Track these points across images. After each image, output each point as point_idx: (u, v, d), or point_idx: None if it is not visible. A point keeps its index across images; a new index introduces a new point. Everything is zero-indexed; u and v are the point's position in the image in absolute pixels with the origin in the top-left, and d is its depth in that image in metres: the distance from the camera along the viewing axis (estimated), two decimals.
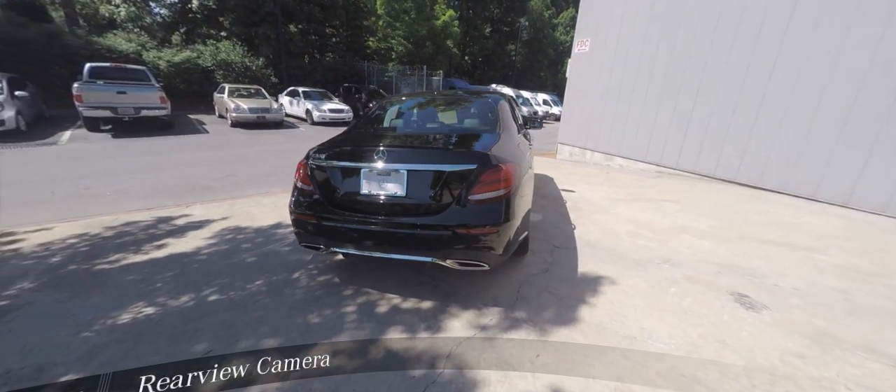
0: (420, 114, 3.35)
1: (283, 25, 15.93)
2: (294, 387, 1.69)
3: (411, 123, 3.31)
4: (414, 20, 15.83)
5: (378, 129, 3.11)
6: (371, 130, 3.05)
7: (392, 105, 3.49)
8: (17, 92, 8.97)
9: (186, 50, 13.81)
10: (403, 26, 16.04)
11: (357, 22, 19.04)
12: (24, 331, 2.04)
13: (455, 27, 17.62)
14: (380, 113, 3.35)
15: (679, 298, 2.51)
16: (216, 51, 14.18)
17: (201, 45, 14.32)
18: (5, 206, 4.24)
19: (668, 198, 5.06)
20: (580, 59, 8.21)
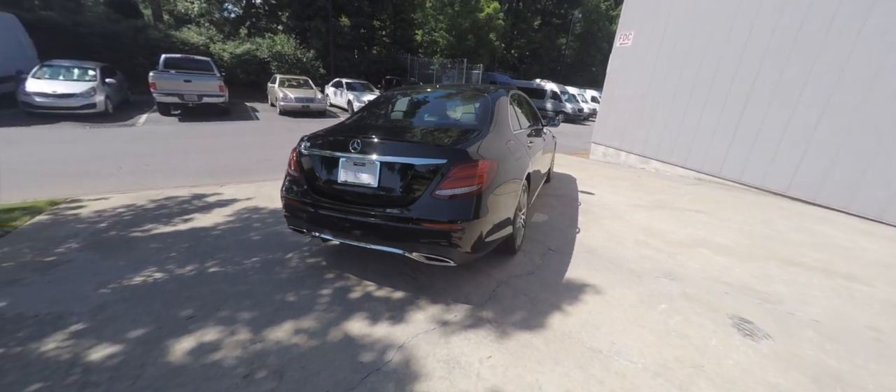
0: (417, 107, 3.39)
1: (333, 19, 16.72)
2: (252, 357, 1.84)
3: (405, 116, 3.34)
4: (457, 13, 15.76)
5: (371, 120, 3.18)
6: (364, 122, 3.13)
7: (395, 98, 3.56)
8: (107, 79, 10.43)
9: (247, 43, 15.06)
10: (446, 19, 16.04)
11: (404, 15, 19.43)
12: (59, 283, 2.43)
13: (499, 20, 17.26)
14: (380, 105, 3.44)
15: (667, 316, 2.32)
16: (272, 43, 15.30)
17: (260, 38, 15.52)
18: (81, 177, 4.99)
19: (699, 208, 4.61)
20: (621, 53, 7.68)
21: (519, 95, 3.99)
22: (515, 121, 3.25)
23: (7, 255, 2.78)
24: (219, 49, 14.49)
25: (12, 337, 1.90)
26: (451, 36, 16.15)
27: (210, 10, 15.92)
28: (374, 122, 3.12)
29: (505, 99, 3.12)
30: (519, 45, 27.13)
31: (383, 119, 3.22)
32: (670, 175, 6.62)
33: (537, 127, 4.21)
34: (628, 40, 7.46)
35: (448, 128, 2.76)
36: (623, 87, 7.61)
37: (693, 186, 5.80)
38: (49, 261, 2.73)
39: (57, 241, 3.04)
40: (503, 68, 25.90)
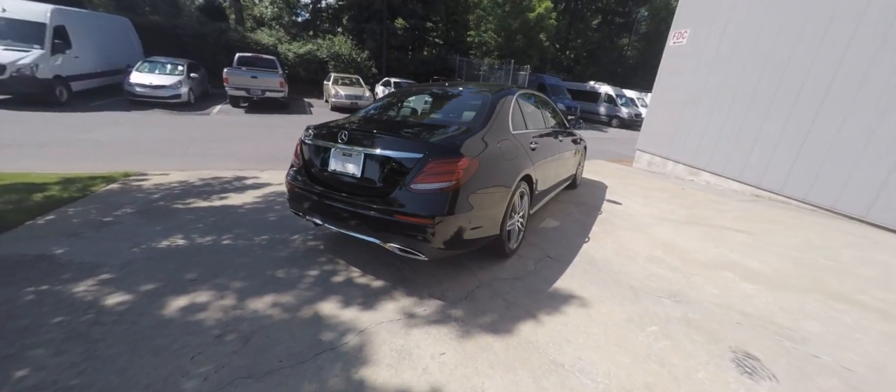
0: (423, 104, 3.43)
1: (388, 21, 17.45)
2: (229, 321, 2.03)
3: (408, 112, 3.38)
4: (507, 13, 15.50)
5: (375, 114, 3.28)
6: (367, 115, 3.24)
7: (406, 94, 3.64)
8: (192, 74, 11.98)
9: (309, 44, 16.32)
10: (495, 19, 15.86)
11: (456, 17, 19.63)
12: (106, 239, 2.88)
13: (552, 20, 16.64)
14: (390, 101, 3.54)
15: (654, 339, 2.11)
16: (331, 44, 16.41)
17: (321, 39, 16.72)
18: (156, 155, 5.83)
19: (742, 227, 4.07)
20: (675, 53, 7.02)
21: (535, 97, 3.85)
22: (520, 122, 3.15)
23: (79, 213, 3.35)
24: (285, 49, 15.91)
25: (57, 278, 2.31)
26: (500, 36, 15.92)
27: (281, 14, 17.56)
28: (375, 116, 3.22)
29: (509, 99, 3.04)
30: (574, 45, 25.89)
31: (387, 114, 3.31)
32: (722, 189, 5.91)
33: (557, 130, 4.04)
34: (683, 38, 6.79)
35: (441, 125, 2.77)
36: (674, 89, 6.95)
37: (745, 203, 5.12)
38: (106, 221, 3.25)
39: (117, 206, 3.60)
40: (556, 70, 24.92)
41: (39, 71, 8.91)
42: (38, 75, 8.89)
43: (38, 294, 2.14)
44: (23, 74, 8.62)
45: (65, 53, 9.86)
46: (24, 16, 9.31)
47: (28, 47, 8.96)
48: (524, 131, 3.12)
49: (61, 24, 9.89)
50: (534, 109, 3.70)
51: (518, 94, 3.25)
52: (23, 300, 2.08)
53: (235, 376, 1.66)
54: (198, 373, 1.67)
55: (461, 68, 19.08)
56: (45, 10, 9.57)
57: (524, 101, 3.43)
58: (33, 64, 8.80)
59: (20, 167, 4.59)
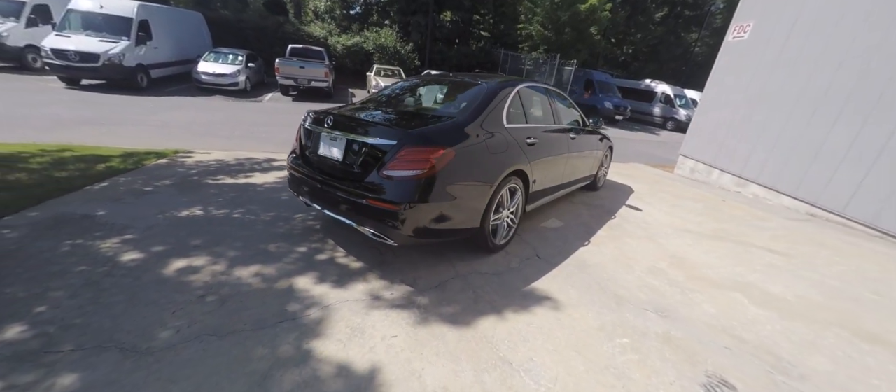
0: (425, 94, 3.44)
1: (434, 14, 17.60)
2: (213, 284, 2.25)
3: (408, 101, 3.40)
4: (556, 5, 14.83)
5: (374, 102, 3.35)
6: (367, 102, 3.33)
7: (412, 84, 3.69)
8: (249, 64, 13.07)
9: (357, 36, 17.00)
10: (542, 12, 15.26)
11: (504, 9, 19.24)
12: (141, 206, 3.30)
13: (605, 12, 15.61)
14: (397, 90, 3.60)
15: (620, 351, 1.98)
16: (377, 36, 16.94)
17: (368, 32, 17.33)
18: (206, 136, 6.49)
19: (778, 248, 3.60)
20: (734, 49, 6.30)
21: (546, 91, 3.71)
22: (519, 116, 3.07)
23: (127, 182, 3.87)
24: (334, 41, 16.74)
25: (92, 234, 2.71)
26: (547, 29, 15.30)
27: (333, 7, 18.48)
28: (374, 104, 3.28)
29: (507, 92, 2.96)
30: (633, 40, 24.07)
31: (385, 102, 3.35)
32: (771, 205, 5.24)
33: (570, 127, 3.85)
34: (745, 33, 6.07)
35: (431, 114, 2.79)
36: (729, 90, 6.25)
37: (794, 222, 4.51)
38: (146, 190, 3.71)
39: (160, 178, 4.09)
40: (610, 66, 23.40)
41: (125, 60, 10.27)
42: (125, 63, 10.25)
43: (73, 246, 2.53)
44: (112, 63, 9.98)
45: (146, 45, 11.25)
46: (115, 11, 10.77)
47: (117, 39, 10.36)
48: (522, 126, 3.03)
49: (145, 18, 11.29)
50: (541, 105, 3.57)
51: (521, 88, 3.16)
52: (60, 250, 2.47)
53: (202, 332, 1.85)
54: (173, 325, 1.88)
55: (505, 62, 18.71)
56: (133, 6, 10.99)
57: (529, 95, 3.32)
58: (121, 53, 10.16)
59: (97, 142, 5.37)
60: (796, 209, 4.96)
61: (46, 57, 9.65)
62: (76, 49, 9.67)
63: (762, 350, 2.09)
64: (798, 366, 1.98)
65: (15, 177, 3.70)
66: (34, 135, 5.39)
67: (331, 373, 1.68)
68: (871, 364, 2.05)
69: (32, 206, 3.09)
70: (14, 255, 2.37)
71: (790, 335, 2.24)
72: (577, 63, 14.64)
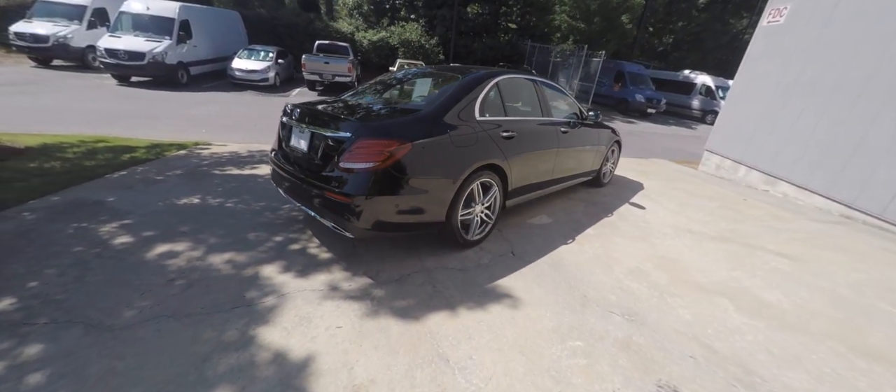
0: (402, 87, 3.40)
1: (459, 7, 17.43)
2: (186, 268, 2.39)
3: (385, 94, 3.39)
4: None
5: (351, 95, 3.37)
6: (342, 96, 3.35)
7: (394, 78, 3.68)
8: (279, 60, 13.67)
9: (382, 31, 17.21)
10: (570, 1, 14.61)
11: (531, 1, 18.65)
12: (148, 194, 3.56)
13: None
14: (377, 84, 3.60)
15: (569, 354, 1.88)
16: (402, 31, 17.06)
17: (393, 27, 17.49)
18: (230, 129, 6.89)
19: (791, 252, 3.25)
20: (768, 35, 5.71)
21: (534, 82, 3.56)
22: (496, 109, 2.98)
23: (144, 172, 4.19)
24: (361, 37, 17.07)
25: (96, 219, 2.97)
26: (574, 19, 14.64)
27: (361, 3, 18.81)
28: (349, 98, 3.30)
29: (483, 84, 2.87)
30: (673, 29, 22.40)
31: (361, 95, 3.35)
32: (800, 205, 4.73)
33: (562, 120, 3.68)
34: (781, 16, 5.47)
35: (401, 107, 2.77)
36: (761, 79, 5.69)
37: (822, 225, 4.04)
38: (157, 179, 4.01)
39: (172, 168, 4.39)
40: (648, 57, 21.96)
41: (167, 58, 11.08)
42: (166, 61, 11.06)
43: (77, 229, 2.79)
44: (156, 60, 10.81)
45: (187, 43, 12.06)
46: (160, 12, 11.63)
47: (161, 38, 11.20)
48: (499, 118, 2.93)
49: (185, 18, 12.09)
50: (527, 97, 3.44)
51: (501, 79, 3.06)
52: (65, 232, 2.74)
53: (161, 314, 1.98)
54: (138, 305, 2.03)
55: (532, 54, 18.19)
56: (175, 7, 11.81)
57: (511, 87, 3.21)
58: (164, 52, 10.97)
59: (132, 134, 5.85)
60: (829, 210, 4.44)
61: (101, 56, 10.65)
62: (125, 48, 10.57)
63: (732, 362, 1.90)
64: (769, 381, 1.79)
65: (50, 165, 4.12)
66: (82, 127, 5.97)
67: (267, 359, 1.75)
68: (862, 386, 1.81)
69: (56, 191, 3.44)
70: (26, 234, 2.66)
71: (772, 347, 2.02)
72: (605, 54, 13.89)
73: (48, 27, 12.00)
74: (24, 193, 3.30)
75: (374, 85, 3.58)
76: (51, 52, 12.08)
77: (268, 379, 1.63)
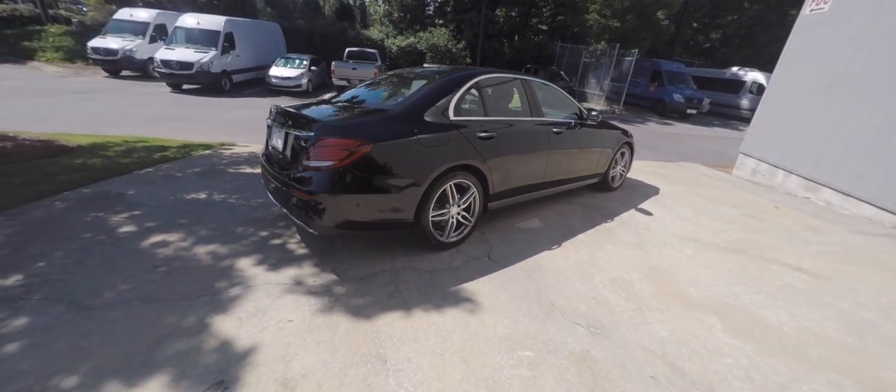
0: (393, 87, 3.42)
1: (487, 10, 17.35)
2: (172, 256, 2.56)
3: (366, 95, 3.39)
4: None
5: (338, 98, 3.44)
6: (330, 99, 3.43)
7: (380, 79, 3.72)
8: (312, 67, 14.40)
9: (411, 37, 17.56)
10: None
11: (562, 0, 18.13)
12: (165, 189, 3.86)
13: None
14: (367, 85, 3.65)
15: (513, 365, 1.78)
16: (430, 36, 17.28)
17: (422, 32, 17.78)
18: (256, 131, 7.34)
19: (814, 268, 2.84)
20: (809, 25, 5.10)
21: (523, 82, 3.42)
22: (475, 109, 2.93)
23: (168, 169, 4.57)
24: (390, 43, 17.51)
25: (112, 209, 3.28)
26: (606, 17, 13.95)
27: (390, 11, 19.34)
28: (334, 99, 3.38)
29: (461, 83, 2.83)
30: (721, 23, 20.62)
31: (347, 97, 3.42)
32: (845, 215, 4.14)
33: (554, 120, 3.52)
34: (825, 4, 4.86)
35: (374, 107, 2.79)
36: (801, 74, 5.08)
37: (864, 237, 3.50)
38: (177, 176, 4.35)
39: (193, 166, 4.76)
40: (691, 54, 20.41)
41: (212, 67, 12.07)
42: (212, 70, 12.06)
43: (94, 218, 3.10)
44: (202, 69, 11.82)
45: (230, 53, 13.08)
46: (208, 26, 12.73)
47: (207, 49, 12.24)
48: (476, 119, 2.86)
49: (230, 31, 13.11)
50: (513, 97, 3.34)
51: (481, 78, 2.99)
52: (83, 220, 3.05)
53: (135, 298, 2.14)
54: (120, 288, 2.21)
55: (561, 55, 17.65)
56: (221, 21, 12.86)
57: (493, 86, 3.13)
58: (210, 62, 11.98)
59: (171, 135, 6.41)
60: (880, 221, 3.84)
61: (157, 66, 11.83)
62: (177, 59, 11.67)
63: (699, 386, 1.70)
64: None
65: (92, 161, 4.63)
66: (132, 129, 6.65)
67: (212, 347, 1.82)
68: None
69: (89, 184, 3.84)
70: (52, 221, 3.00)
71: (755, 373, 1.78)
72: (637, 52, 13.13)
73: (118, 42, 13.56)
74: (62, 185, 3.73)
75: (364, 86, 3.65)
76: (119, 63, 13.63)
77: (206, 365, 1.70)
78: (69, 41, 16.28)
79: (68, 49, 15.65)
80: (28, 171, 4.05)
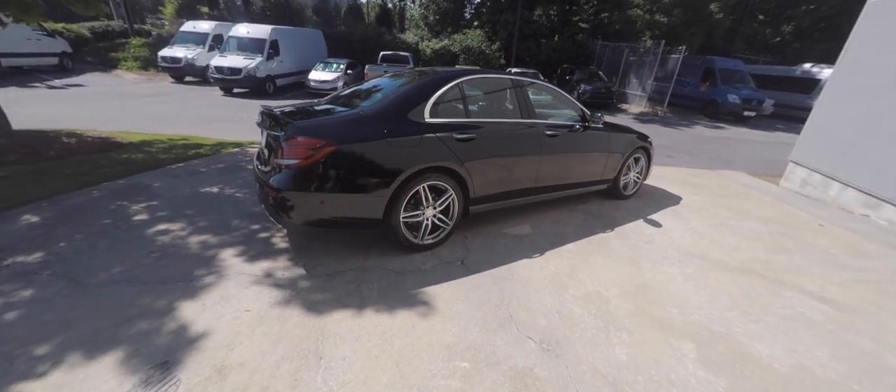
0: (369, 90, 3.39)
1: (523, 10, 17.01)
2: (167, 244, 2.79)
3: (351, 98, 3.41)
4: None
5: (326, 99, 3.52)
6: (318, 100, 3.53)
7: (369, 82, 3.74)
8: (348, 71, 15.06)
9: (445, 39, 17.70)
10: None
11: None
12: (186, 182, 4.23)
13: None
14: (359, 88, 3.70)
15: (445, 376, 1.71)
16: (463, 38, 17.30)
17: (456, 34, 17.85)
18: None
19: (843, 298, 2.41)
20: (879, 12, 4.36)
21: (513, 83, 3.29)
22: (456, 110, 2.86)
23: (196, 164, 5.01)
24: (424, 46, 17.79)
25: (135, 199, 3.66)
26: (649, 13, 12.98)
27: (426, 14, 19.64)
28: (323, 99, 3.47)
29: (440, 84, 2.79)
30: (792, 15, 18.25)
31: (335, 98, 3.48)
32: None
33: (545, 123, 3.33)
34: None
35: (347, 107, 2.83)
36: (866, 70, 4.36)
37: None
38: (201, 171, 4.75)
39: (218, 162, 5.17)
40: (753, 49, 18.31)
41: (258, 72, 13.06)
42: (257, 75, 13.04)
43: (118, 206, 3.48)
44: (249, 75, 12.83)
45: (274, 59, 14.06)
46: (256, 34, 13.80)
47: (254, 56, 13.26)
48: (456, 120, 2.80)
49: (275, 38, 14.11)
50: (501, 98, 3.23)
51: (464, 80, 2.93)
52: (108, 207, 3.43)
53: (123, 279, 2.36)
54: (114, 270, 2.45)
55: (602, 54, 16.78)
56: (267, 30, 13.88)
57: (477, 87, 3.06)
58: (256, 67, 12.97)
59: (212, 134, 7.00)
60: None
61: (212, 73, 13.05)
62: (228, 65, 12.78)
63: None
64: None
65: (136, 156, 5.20)
66: (181, 128, 7.37)
67: (171, 329, 1.96)
68: None
69: (126, 176, 4.32)
70: (84, 207, 3.41)
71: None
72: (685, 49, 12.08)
73: (182, 51, 15.16)
74: (104, 177, 4.22)
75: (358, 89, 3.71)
76: (183, 70, 15.22)
77: (159, 346, 1.83)
78: (146, 51, 18.47)
79: (144, 59, 17.75)
80: (81, 164, 4.64)
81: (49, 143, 5.41)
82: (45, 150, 5.06)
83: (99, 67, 17.22)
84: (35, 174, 4.19)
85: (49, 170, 4.38)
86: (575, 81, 14.07)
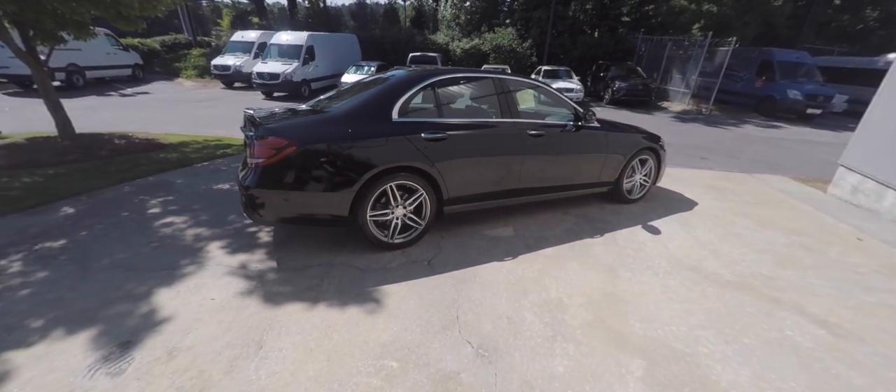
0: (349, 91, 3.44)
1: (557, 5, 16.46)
2: (168, 236, 3.07)
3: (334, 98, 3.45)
4: None
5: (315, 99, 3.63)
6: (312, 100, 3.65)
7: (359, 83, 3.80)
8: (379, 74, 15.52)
9: (475, 39, 17.61)
10: None
11: None
12: (204, 179, 4.62)
13: None
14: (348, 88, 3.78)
15: (370, 374, 1.73)
16: (494, 37, 17.10)
17: (487, 33, 17.69)
18: None
19: (851, 322, 2.07)
20: None
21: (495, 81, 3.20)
22: (428, 109, 2.87)
23: (218, 164, 5.45)
24: (454, 46, 17.84)
25: (155, 194, 4.06)
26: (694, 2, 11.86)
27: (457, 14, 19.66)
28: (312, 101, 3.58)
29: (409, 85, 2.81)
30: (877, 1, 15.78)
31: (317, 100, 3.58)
32: None
33: (528, 122, 3.21)
34: None
35: (317, 109, 2.92)
36: None
37: None
38: (222, 169, 5.14)
39: (239, 161, 5.57)
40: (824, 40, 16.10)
41: (295, 76, 13.89)
42: (294, 79, 13.87)
43: (140, 200, 3.89)
44: (287, 79, 13.69)
45: (310, 64, 14.87)
46: (293, 41, 14.68)
47: (291, 61, 14.12)
48: (426, 120, 2.79)
49: (311, 44, 14.92)
50: (481, 97, 3.17)
51: (437, 80, 2.92)
52: (132, 201, 3.84)
53: (121, 266, 2.63)
54: (116, 257, 2.75)
55: (642, 49, 15.76)
56: (304, 37, 14.71)
57: (453, 85, 3.03)
58: (292, 72, 13.80)
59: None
60: None
61: (255, 78, 14.10)
62: (268, 71, 13.73)
63: None
64: None
65: (171, 155, 5.76)
66: (219, 130, 8.01)
67: (144, 311, 2.16)
68: None
69: (157, 173, 4.81)
70: (114, 200, 3.84)
71: None
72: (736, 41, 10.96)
73: (231, 59, 16.53)
74: (139, 174, 4.72)
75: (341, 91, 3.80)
76: (231, 77, 16.57)
77: (127, 327, 2.03)
78: (203, 61, 20.38)
79: (201, 67, 19.59)
80: (124, 163, 5.23)
81: (102, 144, 6.16)
82: (98, 151, 5.77)
83: (164, 77, 19.27)
84: (85, 172, 4.79)
85: (97, 168, 4.98)
86: (609, 78, 13.35)
